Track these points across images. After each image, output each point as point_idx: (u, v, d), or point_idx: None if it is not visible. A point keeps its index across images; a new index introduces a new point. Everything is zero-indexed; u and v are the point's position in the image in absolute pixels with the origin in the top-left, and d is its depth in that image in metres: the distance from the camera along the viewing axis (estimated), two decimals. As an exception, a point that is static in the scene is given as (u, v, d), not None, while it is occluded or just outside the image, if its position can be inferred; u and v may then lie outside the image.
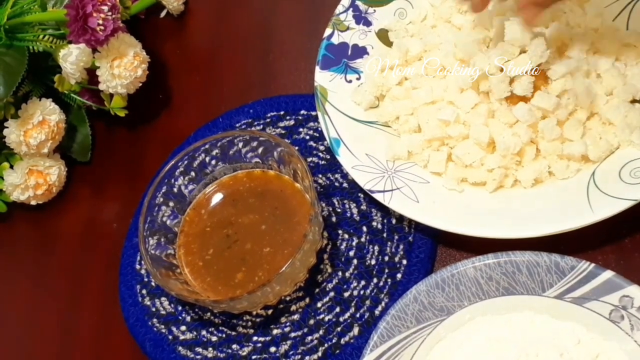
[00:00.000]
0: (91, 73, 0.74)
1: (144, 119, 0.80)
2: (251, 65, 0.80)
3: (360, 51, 0.69)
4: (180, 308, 0.65)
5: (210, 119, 0.75)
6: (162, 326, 0.64)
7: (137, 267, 0.68)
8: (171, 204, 0.65)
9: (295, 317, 0.62)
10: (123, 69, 0.72)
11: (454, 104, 0.62)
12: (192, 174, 0.66)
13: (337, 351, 0.59)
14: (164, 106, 0.80)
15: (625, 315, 0.50)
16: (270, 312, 0.62)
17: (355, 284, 0.62)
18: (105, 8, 0.68)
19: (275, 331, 0.62)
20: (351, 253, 0.63)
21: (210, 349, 0.62)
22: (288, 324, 0.62)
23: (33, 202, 0.75)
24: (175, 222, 0.65)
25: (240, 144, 0.65)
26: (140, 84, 0.75)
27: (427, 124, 0.62)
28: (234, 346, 0.62)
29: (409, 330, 0.54)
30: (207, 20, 0.85)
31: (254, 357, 0.61)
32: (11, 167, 0.74)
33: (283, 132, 0.71)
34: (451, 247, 0.62)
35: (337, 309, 0.61)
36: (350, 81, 0.68)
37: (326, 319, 0.61)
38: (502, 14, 0.62)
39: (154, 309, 0.65)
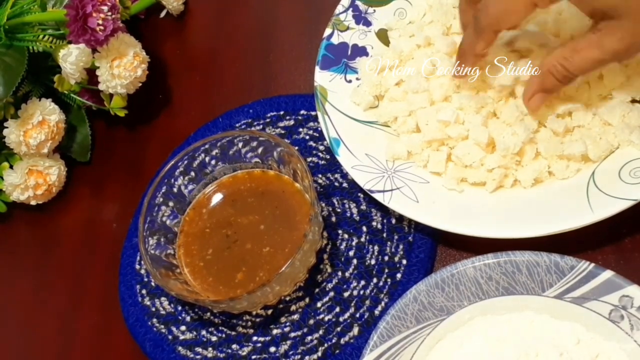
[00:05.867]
0: (91, 73, 0.74)
1: (144, 119, 0.80)
2: (251, 65, 0.80)
3: (360, 51, 0.69)
4: (180, 308, 0.65)
5: (210, 119, 0.75)
6: (162, 326, 0.64)
7: (137, 267, 0.68)
8: (171, 203, 0.65)
9: (295, 317, 0.62)
10: (123, 69, 0.72)
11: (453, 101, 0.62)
12: (192, 174, 0.66)
13: (337, 351, 0.59)
14: (164, 106, 0.80)
15: (625, 315, 0.50)
16: (270, 312, 0.62)
17: (355, 284, 0.62)
18: (105, 8, 0.68)
19: (275, 331, 0.62)
20: (351, 253, 0.63)
21: (210, 349, 0.62)
22: (288, 324, 0.62)
23: (33, 202, 0.75)
24: (175, 222, 0.65)
25: (240, 144, 0.65)
26: (140, 84, 0.75)
27: (426, 125, 0.62)
28: (234, 346, 0.62)
29: (408, 330, 0.54)
30: (207, 20, 0.85)
31: (253, 357, 0.61)
32: (11, 167, 0.74)
33: (283, 132, 0.71)
34: (451, 247, 0.62)
35: (337, 309, 0.61)
36: (350, 81, 0.68)
37: (326, 319, 0.61)
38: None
39: (153, 309, 0.65)
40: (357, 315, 0.60)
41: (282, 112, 0.72)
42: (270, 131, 0.71)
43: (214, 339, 0.63)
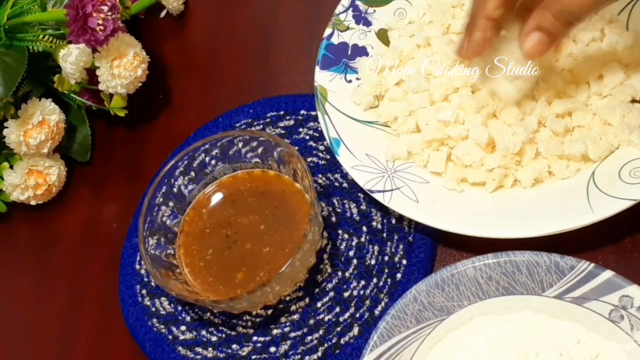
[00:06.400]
0: (91, 73, 0.74)
1: (144, 119, 0.80)
2: (251, 65, 0.80)
3: (360, 51, 0.69)
4: (180, 308, 0.65)
5: (210, 119, 0.75)
6: (162, 326, 0.64)
7: (137, 267, 0.68)
8: (171, 204, 0.65)
9: (295, 317, 0.62)
10: (123, 69, 0.72)
11: (452, 101, 0.62)
12: (192, 174, 0.66)
13: (337, 351, 0.59)
14: (164, 106, 0.80)
15: (625, 315, 0.50)
16: (270, 312, 0.62)
17: (355, 284, 0.62)
18: (105, 8, 0.68)
19: (275, 331, 0.62)
20: (351, 253, 0.63)
21: (210, 349, 0.62)
22: (288, 324, 0.62)
23: (33, 202, 0.75)
24: (175, 222, 0.65)
25: (240, 144, 0.65)
26: (140, 84, 0.75)
27: (426, 125, 0.62)
28: (234, 346, 0.62)
29: (408, 330, 0.54)
30: (207, 20, 0.85)
31: (253, 357, 0.61)
32: (11, 167, 0.74)
33: (283, 132, 0.71)
34: (451, 247, 0.62)
35: (337, 309, 0.61)
36: (350, 81, 0.68)
37: (326, 319, 0.61)
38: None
39: (153, 309, 0.65)
40: (357, 315, 0.60)
41: (282, 112, 0.72)
42: (270, 131, 0.71)
43: (214, 339, 0.63)
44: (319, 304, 0.62)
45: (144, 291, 0.67)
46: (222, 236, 0.64)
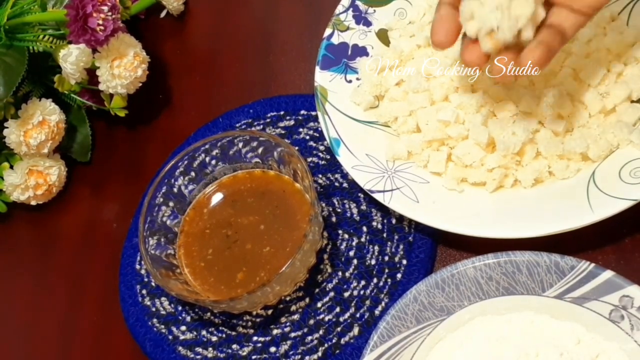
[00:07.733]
0: (91, 73, 0.74)
1: (144, 119, 0.80)
2: (251, 65, 0.80)
3: (360, 51, 0.69)
4: (180, 308, 0.65)
5: (210, 119, 0.75)
6: (162, 326, 0.64)
7: (137, 267, 0.68)
8: (171, 204, 0.65)
9: (295, 317, 0.62)
10: (123, 69, 0.72)
11: (452, 101, 0.62)
12: (192, 174, 0.66)
13: (337, 351, 0.59)
14: (164, 106, 0.80)
15: (625, 315, 0.50)
16: (270, 312, 0.62)
17: (355, 284, 0.62)
18: (105, 8, 0.68)
19: (275, 331, 0.62)
20: (351, 253, 0.63)
21: (210, 349, 0.62)
22: (288, 324, 0.62)
23: (33, 202, 0.75)
24: (176, 222, 0.65)
25: (240, 144, 0.65)
26: (140, 84, 0.75)
27: (426, 125, 0.62)
28: (234, 346, 0.62)
29: (409, 330, 0.54)
30: (207, 20, 0.85)
31: (254, 357, 0.61)
32: (11, 167, 0.74)
33: (283, 132, 0.71)
34: (451, 247, 0.62)
35: (337, 309, 0.61)
36: (350, 81, 0.68)
37: (326, 319, 0.61)
38: None
39: (154, 309, 0.65)
40: (358, 316, 0.60)
41: (282, 112, 0.72)
42: (270, 131, 0.71)
43: (214, 339, 0.63)
44: (319, 304, 0.62)
45: (144, 291, 0.67)
46: (222, 236, 0.64)
